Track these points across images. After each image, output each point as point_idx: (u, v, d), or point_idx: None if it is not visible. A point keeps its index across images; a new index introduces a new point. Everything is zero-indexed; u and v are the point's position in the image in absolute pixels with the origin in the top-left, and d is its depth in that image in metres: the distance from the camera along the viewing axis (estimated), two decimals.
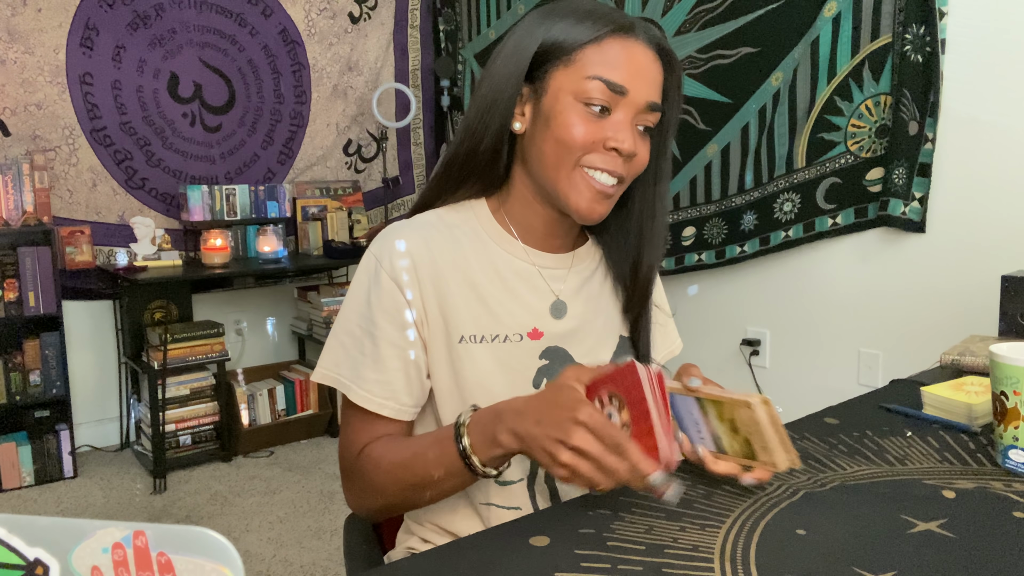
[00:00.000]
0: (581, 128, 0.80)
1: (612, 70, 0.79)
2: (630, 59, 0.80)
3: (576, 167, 0.82)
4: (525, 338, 0.86)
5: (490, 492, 0.86)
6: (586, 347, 0.89)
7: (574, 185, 0.82)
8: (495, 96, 0.83)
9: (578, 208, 0.83)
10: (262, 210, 3.25)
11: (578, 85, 0.80)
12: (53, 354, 2.76)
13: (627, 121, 0.81)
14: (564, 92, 0.80)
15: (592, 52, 0.80)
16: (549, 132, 0.81)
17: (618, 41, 0.80)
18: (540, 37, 0.82)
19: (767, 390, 2.67)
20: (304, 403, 3.19)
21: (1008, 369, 0.79)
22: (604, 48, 0.80)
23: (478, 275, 0.86)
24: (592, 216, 0.83)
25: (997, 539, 0.65)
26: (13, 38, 2.77)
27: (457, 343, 0.84)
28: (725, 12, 2.55)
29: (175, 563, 0.35)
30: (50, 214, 2.77)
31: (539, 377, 0.86)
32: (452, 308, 0.84)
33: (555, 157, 0.82)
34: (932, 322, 2.18)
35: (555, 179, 0.83)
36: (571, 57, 0.80)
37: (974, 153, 2.05)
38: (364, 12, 3.55)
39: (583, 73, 0.80)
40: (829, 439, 0.91)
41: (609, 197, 0.84)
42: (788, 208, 2.46)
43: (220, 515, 2.45)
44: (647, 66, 0.81)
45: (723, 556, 0.63)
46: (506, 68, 0.83)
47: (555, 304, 0.89)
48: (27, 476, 2.71)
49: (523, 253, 0.89)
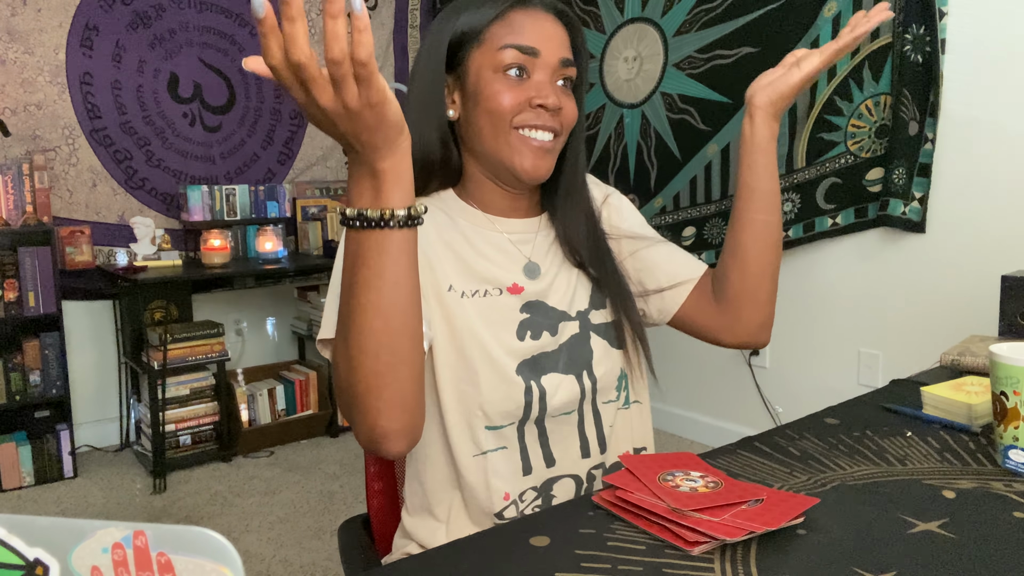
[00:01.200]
0: (507, 94, 0.86)
1: (520, 36, 0.86)
2: (534, 24, 0.87)
3: (511, 130, 0.87)
4: (505, 292, 0.90)
5: (480, 440, 0.87)
6: (563, 296, 0.94)
7: (515, 148, 0.87)
8: (425, 96, 0.89)
9: (523, 168, 0.87)
10: (262, 210, 3.25)
11: (493, 58, 0.86)
12: (53, 354, 2.76)
13: (546, 79, 0.88)
14: (483, 68, 0.87)
15: (499, 27, 0.87)
16: (479, 108, 0.87)
17: (519, 12, 0.87)
18: (449, 31, 0.89)
19: (767, 390, 2.67)
20: (304, 403, 3.19)
21: (1008, 369, 0.79)
22: (509, 20, 0.87)
23: (457, 241, 0.91)
24: (538, 173, 0.88)
25: (997, 539, 0.65)
26: (13, 38, 2.77)
27: (446, 291, 0.87)
28: (725, 12, 2.55)
29: (175, 563, 0.35)
30: (50, 214, 2.77)
31: (522, 330, 0.89)
32: (437, 262, 0.88)
33: (491, 128, 0.87)
34: (932, 322, 2.18)
35: (496, 149, 0.88)
36: (481, 36, 0.87)
37: (974, 153, 2.05)
38: None
39: (495, 46, 0.86)
40: (829, 439, 0.91)
41: (549, 152, 0.89)
42: (788, 208, 2.46)
43: (220, 515, 2.45)
44: (551, 28, 0.88)
45: (723, 556, 0.63)
46: (427, 67, 0.89)
47: (528, 265, 0.93)
48: (27, 476, 2.71)
49: (490, 223, 0.94)
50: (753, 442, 0.91)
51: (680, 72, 2.74)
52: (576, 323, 0.93)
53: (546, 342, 0.90)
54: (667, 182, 2.85)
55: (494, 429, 0.87)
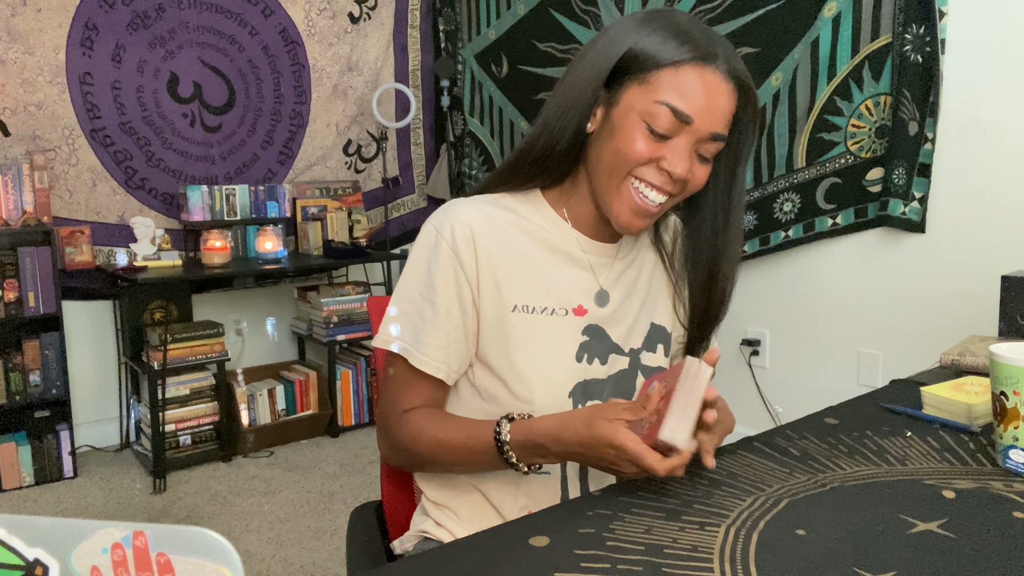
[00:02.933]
0: (641, 145, 0.83)
1: (682, 98, 0.81)
2: (703, 90, 0.81)
3: (626, 178, 0.85)
4: (570, 313, 0.91)
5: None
6: (622, 329, 0.94)
7: (620, 195, 0.86)
8: (576, 97, 0.86)
9: (618, 218, 0.87)
10: (262, 210, 3.25)
11: (648, 107, 0.82)
12: (53, 354, 2.76)
13: (686, 147, 0.83)
14: (634, 109, 0.83)
15: (668, 76, 0.81)
16: (612, 141, 0.85)
17: (696, 70, 0.81)
18: (627, 45, 0.83)
19: (767, 390, 2.67)
20: (304, 403, 3.19)
21: (1008, 369, 0.79)
22: (680, 75, 0.81)
23: (533, 251, 0.91)
24: (630, 229, 0.88)
25: (997, 539, 0.65)
26: (13, 38, 2.77)
27: (510, 312, 0.88)
28: (725, 12, 2.55)
29: (175, 563, 0.35)
30: (50, 214, 2.77)
31: (580, 352, 0.90)
32: (507, 278, 0.88)
33: (610, 164, 0.85)
34: (932, 322, 2.18)
35: (605, 186, 0.87)
36: (647, 76, 0.82)
37: (974, 153, 2.05)
38: (364, 12, 3.55)
39: (655, 96, 0.81)
40: (829, 439, 0.91)
41: (651, 215, 0.87)
42: (788, 208, 2.46)
43: (220, 515, 2.45)
44: (719, 98, 0.82)
45: (723, 556, 0.63)
46: (589, 72, 0.85)
47: (599, 293, 0.93)
48: (27, 476, 2.71)
49: (575, 239, 0.93)
50: (753, 442, 0.91)
51: None
52: (627, 359, 0.94)
53: (597, 369, 0.91)
54: None
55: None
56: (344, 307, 3.21)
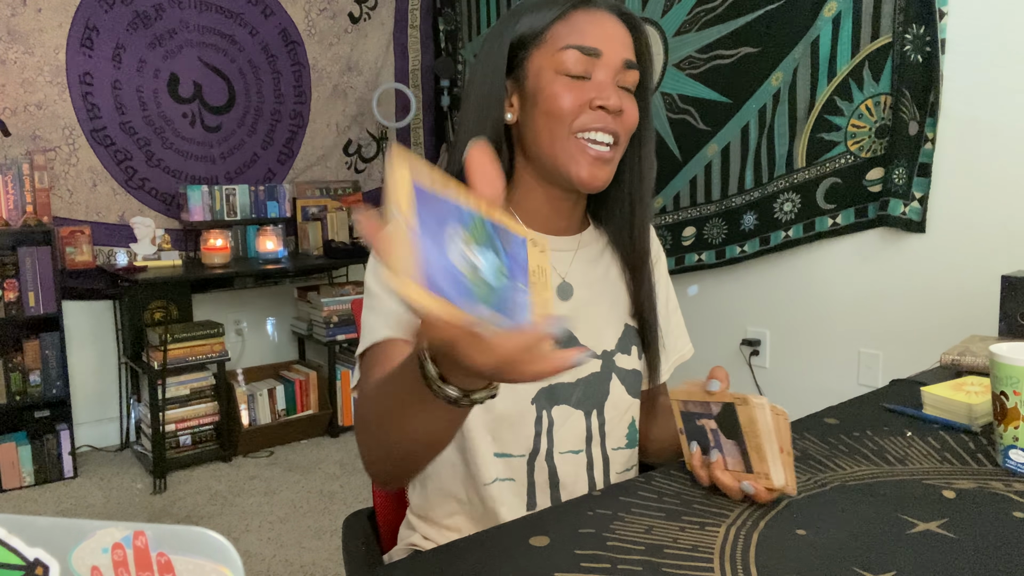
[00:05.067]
0: (566, 95, 0.83)
1: (582, 37, 0.84)
2: (597, 25, 0.85)
3: (570, 135, 0.84)
4: None
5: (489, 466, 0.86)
6: (590, 328, 0.91)
7: (571, 155, 0.84)
8: (482, 98, 0.87)
9: (579, 177, 0.84)
10: (262, 210, 3.25)
11: (554, 59, 0.84)
12: (53, 354, 2.76)
13: (608, 80, 0.85)
14: (543, 70, 0.85)
15: (561, 27, 0.85)
16: (538, 109, 0.85)
17: (581, 13, 0.85)
18: (510, 33, 0.87)
19: (767, 390, 2.66)
20: (304, 403, 3.19)
21: (1008, 369, 0.79)
22: (571, 21, 0.85)
23: None
24: (595, 183, 0.85)
25: (997, 539, 0.65)
26: (13, 38, 2.77)
27: None
28: (725, 12, 2.55)
29: (175, 563, 0.35)
30: (50, 214, 2.77)
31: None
32: None
33: (548, 131, 0.84)
34: (932, 322, 2.18)
35: (552, 153, 0.85)
36: (543, 37, 0.85)
37: (974, 153, 2.05)
38: (364, 12, 3.55)
39: (556, 46, 0.84)
40: (829, 439, 0.91)
41: (607, 162, 0.86)
42: (788, 208, 2.46)
43: (220, 515, 2.45)
44: (614, 29, 0.86)
45: (723, 556, 0.63)
46: (486, 69, 0.87)
47: (561, 286, 0.91)
48: (27, 476, 2.71)
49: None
50: None
51: (680, 72, 2.74)
52: (599, 362, 0.91)
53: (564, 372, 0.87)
54: (667, 182, 2.85)
55: (503, 457, 0.87)
56: (344, 307, 3.21)
